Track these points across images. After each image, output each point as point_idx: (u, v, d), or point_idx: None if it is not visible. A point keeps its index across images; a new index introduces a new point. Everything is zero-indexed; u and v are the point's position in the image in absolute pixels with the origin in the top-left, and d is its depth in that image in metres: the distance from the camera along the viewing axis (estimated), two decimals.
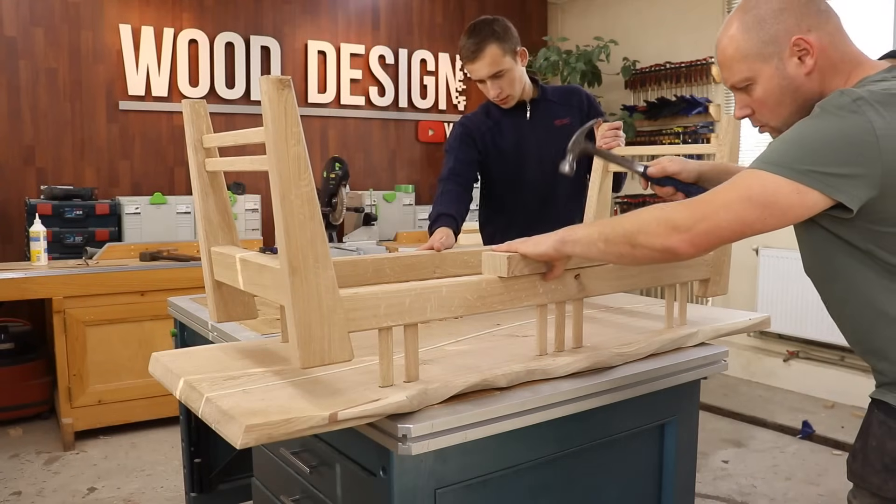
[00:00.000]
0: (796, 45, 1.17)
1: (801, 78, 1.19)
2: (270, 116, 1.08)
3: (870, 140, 1.05)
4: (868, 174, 1.06)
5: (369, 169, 5.52)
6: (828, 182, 1.06)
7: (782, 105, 1.22)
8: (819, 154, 1.07)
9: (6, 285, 3.43)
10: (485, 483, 1.30)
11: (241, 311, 1.54)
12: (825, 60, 1.18)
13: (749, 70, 1.21)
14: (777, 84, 1.20)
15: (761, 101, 1.23)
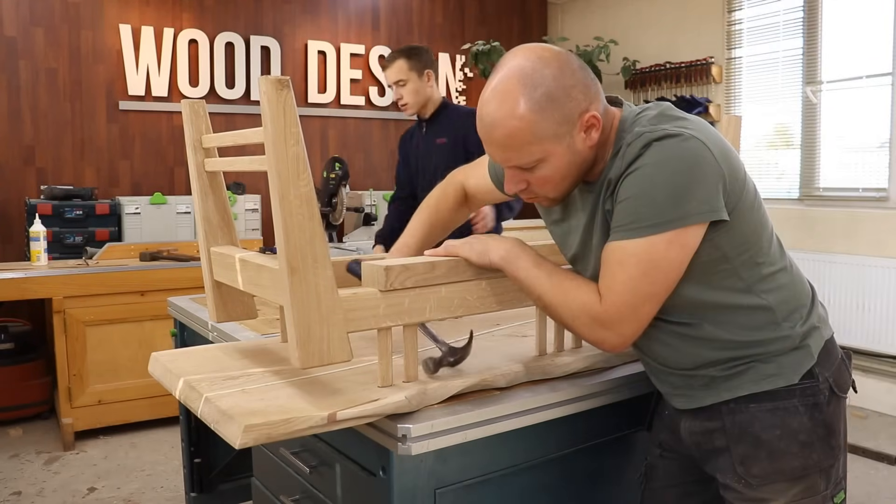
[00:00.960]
0: (588, 122, 1.16)
1: (587, 151, 1.19)
2: (269, 117, 1.08)
3: (707, 157, 1.11)
4: (718, 183, 1.13)
5: (369, 169, 5.52)
6: (692, 212, 1.11)
7: (567, 179, 1.21)
8: (678, 197, 1.10)
9: (6, 285, 3.43)
10: (485, 483, 1.30)
11: (241, 311, 1.54)
12: (602, 129, 1.19)
13: (541, 152, 1.16)
14: (567, 161, 1.18)
15: (546, 178, 1.20)
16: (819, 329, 1.27)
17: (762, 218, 1.23)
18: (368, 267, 1.21)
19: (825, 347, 1.26)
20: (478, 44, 5.30)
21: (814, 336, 1.25)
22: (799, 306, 1.26)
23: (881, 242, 3.99)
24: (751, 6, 4.73)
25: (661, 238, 1.11)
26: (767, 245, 1.24)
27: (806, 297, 1.29)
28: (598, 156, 1.22)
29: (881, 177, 4.09)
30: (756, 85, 4.75)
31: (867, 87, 4.13)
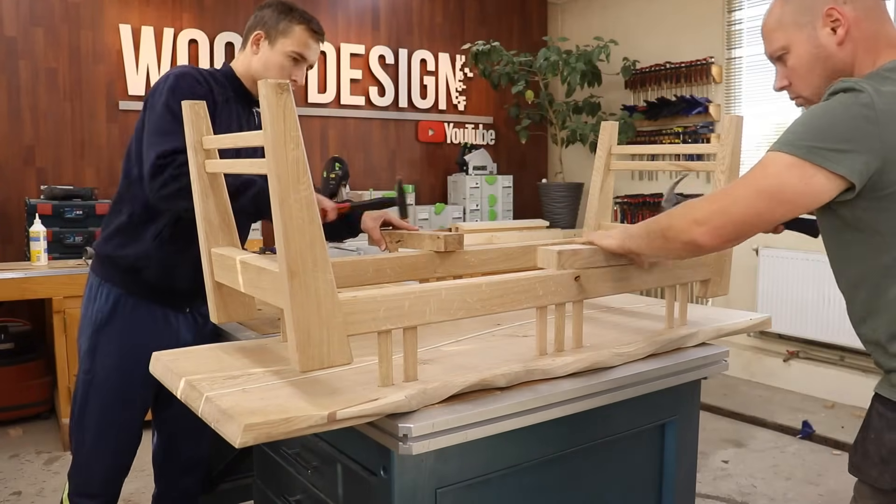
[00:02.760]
0: (829, 16, 1.21)
1: (833, 48, 1.23)
2: (269, 120, 1.08)
3: (868, 115, 1.09)
4: (867, 149, 1.10)
5: (369, 169, 5.52)
6: (828, 157, 1.10)
7: (813, 74, 1.26)
8: (823, 132, 1.11)
9: (6, 285, 3.44)
10: (485, 483, 1.30)
11: (242, 311, 1.54)
12: (858, 33, 1.22)
13: (784, 38, 1.27)
14: (809, 52, 1.25)
15: (794, 69, 1.28)
16: None
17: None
18: (544, 251, 1.43)
19: None
20: (478, 44, 5.30)
21: None
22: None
23: None
24: (751, 6, 4.73)
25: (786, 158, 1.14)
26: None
27: None
28: (855, 71, 1.23)
29: None
30: (756, 85, 4.75)
31: None
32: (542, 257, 1.44)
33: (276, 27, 1.92)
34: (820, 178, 1.12)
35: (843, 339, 4.10)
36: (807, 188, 1.12)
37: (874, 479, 1.17)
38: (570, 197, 5.37)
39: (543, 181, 5.63)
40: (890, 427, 1.16)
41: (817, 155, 1.11)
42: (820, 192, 1.13)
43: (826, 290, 4.13)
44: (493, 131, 6.03)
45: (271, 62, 1.93)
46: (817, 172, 1.11)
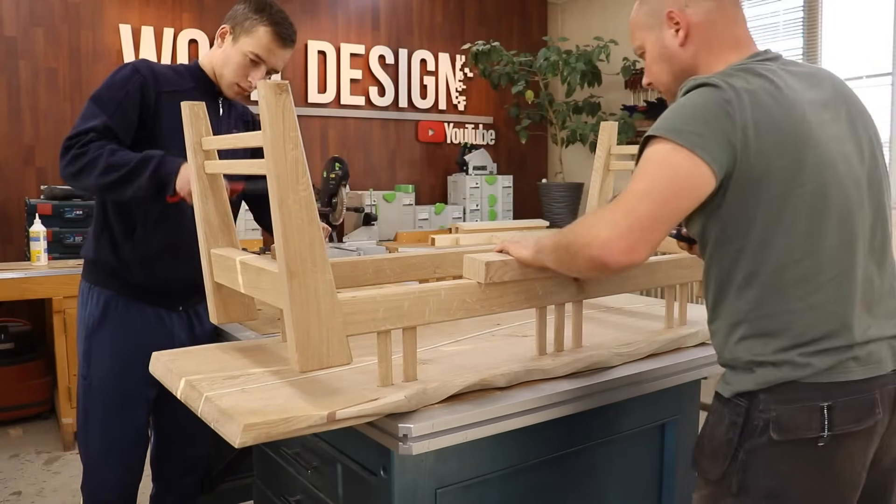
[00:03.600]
0: (670, 18, 1.29)
1: (676, 48, 1.30)
2: (268, 121, 1.08)
3: (728, 110, 1.12)
4: (728, 142, 1.11)
5: (369, 169, 5.52)
6: (701, 145, 1.11)
7: (662, 72, 1.34)
8: (692, 120, 1.13)
9: (6, 285, 3.44)
10: (485, 483, 1.30)
11: (242, 312, 1.54)
12: (699, 35, 1.28)
13: (640, 38, 1.36)
14: (657, 52, 1.33)
15: (648, 66, 1.36)
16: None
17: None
18: (469, 260, 1.34)
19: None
20: (478, 44, 5.30)
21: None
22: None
23: None
24: (751, 6, 4.73)
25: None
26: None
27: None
28: (699, 71, 1.28)
29: None
30: None
31: (867, 87, 4.13)
32: (468, 267, 1.32)
33: (242, 24, 1.85)
34: (700, 161, 1.11)
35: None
36: (697, 170, 1.12)
37: (705, 471, 1.20)
38: (569, 197, 5.37)
39: (543, 181, 5.63)
40: (719, 421, 1.19)
41: (691, 140, 1.11)
42: (708, 175, 1.12)
43: None
44: (493, 131, 6.03)
45: (230, 59, 1.86)
46: (695, 156, 1.11)
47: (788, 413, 1.12)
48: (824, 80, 1.27)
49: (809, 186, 1.13)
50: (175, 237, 1.84)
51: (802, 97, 1.19)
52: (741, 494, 1.15)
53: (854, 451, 1.15)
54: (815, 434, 1.11)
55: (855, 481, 1.17)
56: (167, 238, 1.84)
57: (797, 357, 1.13)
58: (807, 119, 1.16)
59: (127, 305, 1.88)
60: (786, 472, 1.13)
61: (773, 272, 1.14)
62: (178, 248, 1.84)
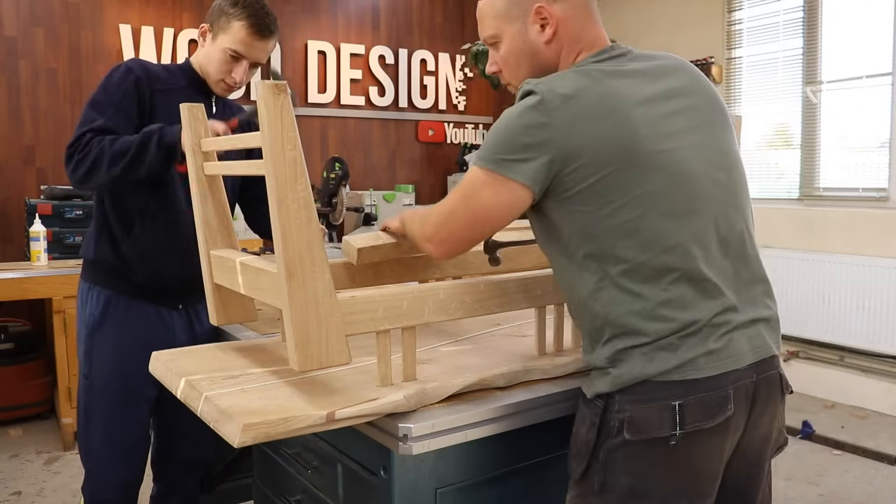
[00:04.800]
0: (538, 13, 1.24)
1: (540, 45, 1.25)
2: (267, 121, 1.08)
3: (540, 120, 1.12)
4: (543, 153, 1.12)
5: (369, 169, 5.52)
6: (511, 168, 1.13)
7: (520, 67, 1.29)
8: (504, 144, 1.15)
9: (6, 285, 3.44)
10: (485, 483, 1.30)
11: (241, 313, 1.54)
12: (565, 33, 1.24)
13: (496, 28, 1.28)
14: (518, 46, 1.27)
15: (504, 59, 1.30)
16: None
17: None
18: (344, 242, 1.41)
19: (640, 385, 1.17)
20: (478, 44, 5.30)
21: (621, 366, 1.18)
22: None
23: (881, 242, 3.99)
24: (751, 6, 4.73)
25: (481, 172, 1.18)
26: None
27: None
28: (560, 69, 1.26)
29: (881, 177, 4.09)
30: (756, 85, 4.75)
31: (867, 87, 4.13)
32: (345, 250, 1.45)
33: (218, 21, 1.84)
34: (506, 191, 1.15)
35: (843, 339, 4.11)
36: (500, 203, 1.16)
37: (572, 470, 1.23)
38: None
39: None
40: (582, 421, 1.22)
41: (502, 166, 1.14)
42: (513, 203, 1.16)
43: (826, 290, 4.14)
44: None
45: (211, 57, 1.86)
46: (504, 185, 1.15)
47: (641, 413, 1.14)
48: (672, 72, 1.24)
49: (646, 187, 1.13)
50: (174, 234, 1.84)
51: (635, 96, 1.16)
52: (604, 493, 1.17)
53: (709, 447, 1.16)
54: (667, 433, 1.13)
55: (713, 474, 1.19)
56: (166, 235, 1.84)
57: (651, 349, 1.14)
58: (635, 120, 1.14)
59: (127, 304, 1.88)
60: (643, 471, 1.15)
61: (620, 275, 1.14)
62: (177, 246, 1.84)
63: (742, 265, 1.22)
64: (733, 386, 1.16)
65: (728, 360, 1.15)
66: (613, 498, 1.16)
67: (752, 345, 1.19)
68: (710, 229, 1.18)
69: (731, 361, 1.16)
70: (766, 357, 1.21)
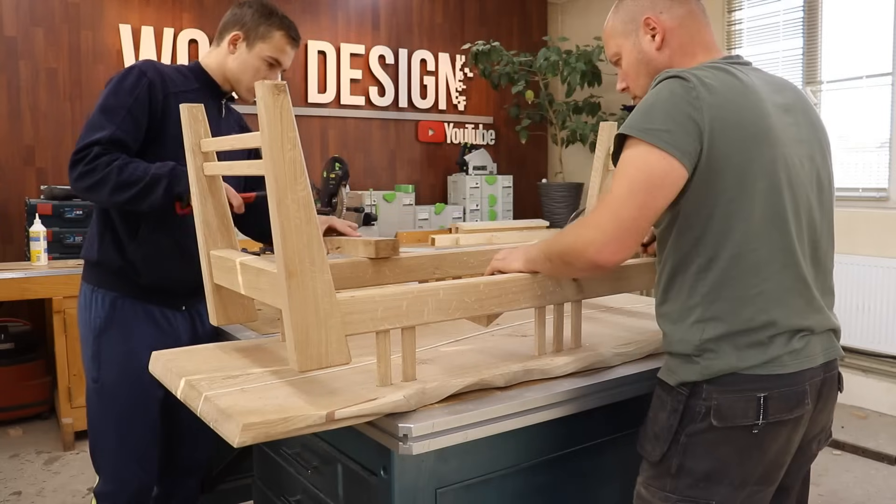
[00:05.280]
0: (647, 24, 1.36)
1: (653, 52, 1.36)
2: (266, 121, 1.08)
3: (692, 101, 1.18)
4: (694, 132, 1.17)
5: (369, 169, 5.52)
6: (668, 140, 1.17)
7: (640, 76, 1.40)
8: (660, 116, 1.19)
9: (6, 285, 3.44)
10: (485, 483, 1.30)
11: (241, 313, 1.54)
12: (674, 39, 1.36)
13: (616, 45, 1.42)
14: (635, 58, 1.39)
15: (626, 72, 1.42)
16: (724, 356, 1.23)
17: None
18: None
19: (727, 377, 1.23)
20: (478, 44, 5.30)
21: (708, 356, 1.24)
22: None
23: (881, 242, 3.99)
24: (751, 6, 4.73)
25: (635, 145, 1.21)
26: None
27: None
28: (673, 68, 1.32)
29: (881, 177, 4.09)
30: None
31: (867, 87, 4.13)
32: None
33: (255, 30, 1.90)
34: (671, 158, 1.18)
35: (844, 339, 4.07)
36: (670, 167, 1.18)
37: (648, 453, 1.30)
38: (570, 197, 5.37)
39: (543, 181, 5.63)
40: (662, 406, 1.28)
41: (660, 138, 1.18)
42: (679, 170, 1.18)
43: None
44: (493, 131, 6.03)
45: (248, 64, 1.92)
46: (666, 154, 1.18)
47: (728, 402, 1.22)
48: (788, 89, 1.36)
49: (768, 181, 1.21)
50: (179, 237, 1.84)
51: (768, 98, 1.27)
52: (680, 475, 1.25)
53: (784, 437, 1.25)
54: (751, 422, 1.21)
55: (782, 462, 1.29)
56: (171, 237, 1.85)
57: (742, 344, 1.21)
58: (770, 118, 1.23)
59: (133, 306, 1.87)
60: (722, 456, 1.23)
61: (730, 258, 1.21)
62: (182, 248, 1.84)
63: (824, 277, 1.32)
64: (809, 382, 1.25)
65: (806, 358, 1.25)
66: (689, 481, 1.24)
67: (824, 346, 1.29)
68: (809, 232, 1.28)
69: (809, 360, 1.25)
70: (833, 358, 1.31)
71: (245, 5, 1.93)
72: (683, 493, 1.25)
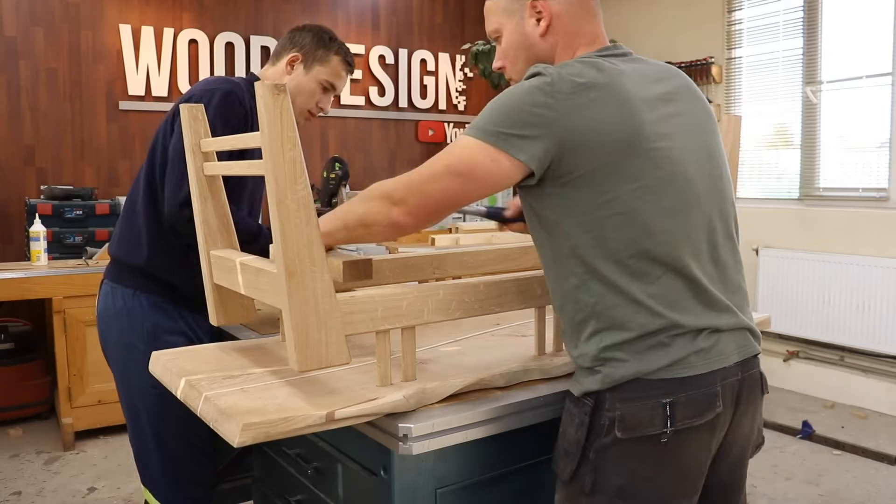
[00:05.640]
0: (534, 7, 1.29)
1: (536, 38, 1.30)
2: (266, 121, 1.08)
3: (548, 102, 1.13)
4: (546, 135, 1.13)
5: (369, 169, 5.52)
6: (511, 143, 1.14)
7: (518, 59, 1.34)
8: (506, 117, 1.15)
9: (6, 285, 3.44)
10: (485, 483, 1.30)
11: (241, 313, 1.54)
12: (560, 27, 1.29)
13: (498, 22, 1.35)
14: (516, 39, 1.33)
15: (504, 52, 1.35)
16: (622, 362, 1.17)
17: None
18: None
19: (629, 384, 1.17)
20: (478, 44, 5.30)
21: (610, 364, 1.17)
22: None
23: (881, 242, 3.99)
24: (751, 6, 4.73)
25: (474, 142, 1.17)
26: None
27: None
28: (556, 62, 1.29)
29: (881, 177, 4.09)
30: (756, 85, 4.75)
31: (867, 87, 4.13)
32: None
33: (314, 53, 1.96)
34: (505, 161, 1.14)
35: (843, 339, 4.10)
36: (495, 168, 1.15)
37: (560, 471, 1.22)
38: None
39: None
40: (570, 421, 1.21)
41: (501, 140, 1.14)
42: (506, 174, 1.15)
43: (826, 290, 4.13)
44: None
45: (304, 86, 1.95)
46: (502, 156, 1.14)
47: (632, 411, 1.15)
48: (671, 77, 1.28)
49: (643, 181, 1.15)
50: None
51: (639, 94, 1.18)
52: (594, 493, 1.17)
53: (697, 444, 1.18)
54: (657, 430, 1.14)
55: (700, 470, 1.20)
56: None
57: (642, 347, 1.15)
58: (639, 115, 1.16)
59: (175, 309, 1.88)
60: (633, 469, 1.16)
61: (610, 266, 1.15)
62: None
63: (728, 271, 1.24)
64: (721, 384, 1.17)
65: (717, 357, 1.17)
66: (603, 499, 1.17)
67: (738, 344, 1.21)
68: (701, 231, 1.20)
69: (720, 359, 1.18)
70: (750, 356, 1.23)
71: (305, 29, 1.99)
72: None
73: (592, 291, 1.17)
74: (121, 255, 1.91)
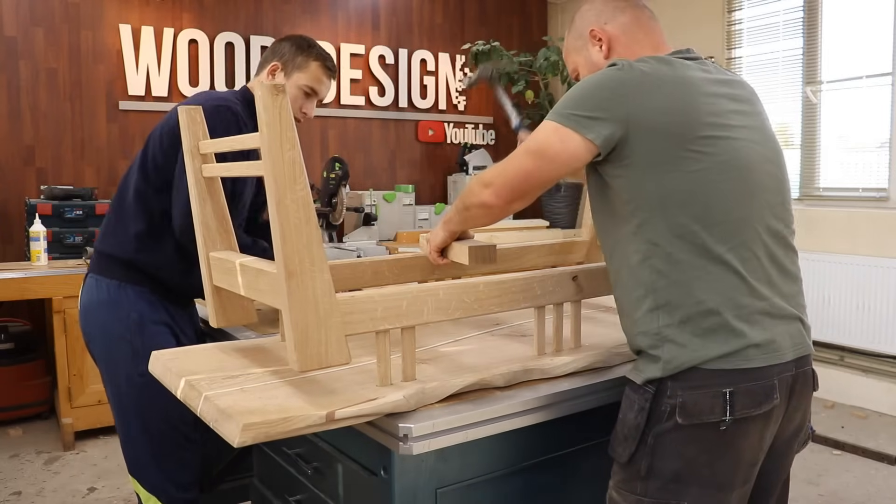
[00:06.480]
0: (593, 35, 1.44)
1: (602, 62, 1.40)
2: (265, 122, 1.08)
3: (618, 88, 1.23)
4: (613, 118, 1.22)
5: (369, 169, 5.52)
6: (581, 123, 1.23)
7: None
8: (579, 101, 1.26)
9: (6, 285, 3.44)
10: (485, 483, 1.31)
11: (241, 315, 1.54)
12: (620, 46, 1.42)
13: (573, 63, 1.50)
14: (588, 70, 1.44)
15: None
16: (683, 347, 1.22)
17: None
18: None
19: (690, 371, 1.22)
20: (478, 44, 5.30)
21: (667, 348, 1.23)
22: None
23: (881, 242, 3.99)
24: (751, 6, 4.73)
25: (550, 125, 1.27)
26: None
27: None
28: None
29: (881, 177, 4.09)
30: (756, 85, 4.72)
31: (867, 87, 4.13)
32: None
33: (293, 60, 2.01)
34: (575, 140, 1.24)
35: (844, 340, 4.10)
36: (564, 149, 1.24)
37: (618, 455, 1.28)
38: (570, 197, 5.37)
39: None
40: (630, 406, 1.27)
41: (572, 121, 1.24)
42: (575, 153, 1.24)
43: (826, 290, 4.13)
44: (493, 131, 6.03)
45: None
46: (572, 136, 1.24)
47: (693, 398, 1.20)
48: (740, 84, 1.37)
49: (704, 164, 1.22)
50: None
51: (704, 88, 1.27)
52: (650, 477, 1.23)
53: (753, 433, 1.23)
54: (717, 418, 1.19)
55: (754, 459, 1.26)
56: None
57: (701, 332, 1.20)
58: (702, 106, 1.24)
59: (159, 301, 1.90)
60: (690, 455, 1.21)
61: (672, 244, 1.22)
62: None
63: (785, 260, 1.30)
64: (777, 377, 1.23)
65: (774, 353, 1.23)
66: (659, 483, 1.22)
67: (793, 342, 1.26)
68: (762, 217, 1.26)
69: (776, 355, 1.23)
70: (804, 354, 1.29)
71: (285, 39, 2.05)
72: (654, 495, 1.23)
73: (653, 268, 1.23)
74: (107, 248, 1.92)
